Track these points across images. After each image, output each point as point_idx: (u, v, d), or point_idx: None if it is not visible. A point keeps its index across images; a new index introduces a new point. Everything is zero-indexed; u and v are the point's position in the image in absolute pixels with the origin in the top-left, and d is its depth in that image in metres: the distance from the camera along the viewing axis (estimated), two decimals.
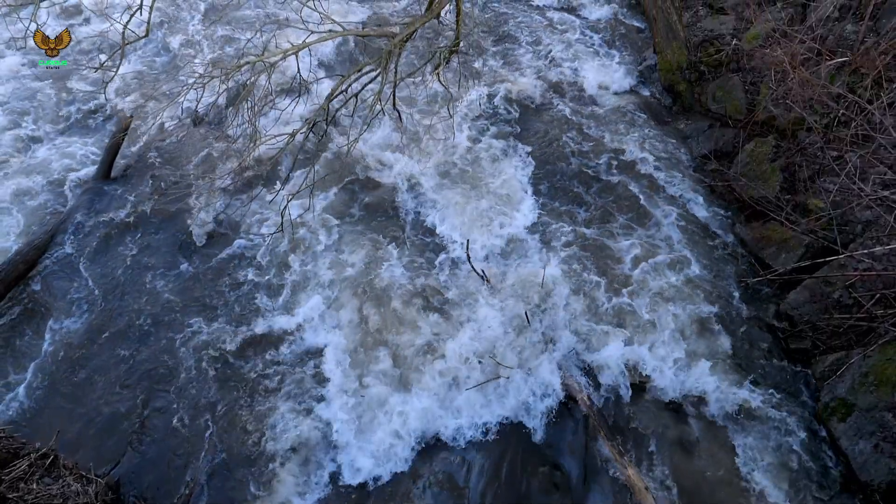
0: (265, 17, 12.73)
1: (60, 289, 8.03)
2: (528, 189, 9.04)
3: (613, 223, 8.52)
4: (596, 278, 7.82)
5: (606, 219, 8.59)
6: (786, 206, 7.79)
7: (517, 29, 12.19)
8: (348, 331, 7.42)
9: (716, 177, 8.83)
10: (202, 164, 9.59)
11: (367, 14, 12.91)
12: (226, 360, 7.20)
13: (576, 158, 9.44)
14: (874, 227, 7.14)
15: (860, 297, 6.64)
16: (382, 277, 7.93)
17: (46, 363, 7.27)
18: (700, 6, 11.23)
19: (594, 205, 8.81)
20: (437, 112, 10.08)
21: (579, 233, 8.39)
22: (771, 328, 7.25)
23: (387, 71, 7.46)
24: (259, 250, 8.40)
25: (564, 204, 8.86)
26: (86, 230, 8.65)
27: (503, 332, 7.32)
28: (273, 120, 9.32)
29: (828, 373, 6.53)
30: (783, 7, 9.99)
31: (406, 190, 9.14)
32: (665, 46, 9.97)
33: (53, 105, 10.82)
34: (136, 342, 7.42)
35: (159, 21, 12.70)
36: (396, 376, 6.98)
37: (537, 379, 6.89)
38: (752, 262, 7.88)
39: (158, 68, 11.75)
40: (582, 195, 8.96)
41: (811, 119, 8.13)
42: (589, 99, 10.62)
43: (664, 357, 7.01)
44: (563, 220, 8.60)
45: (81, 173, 9.55)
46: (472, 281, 7.90)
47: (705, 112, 9.77)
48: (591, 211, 8.73)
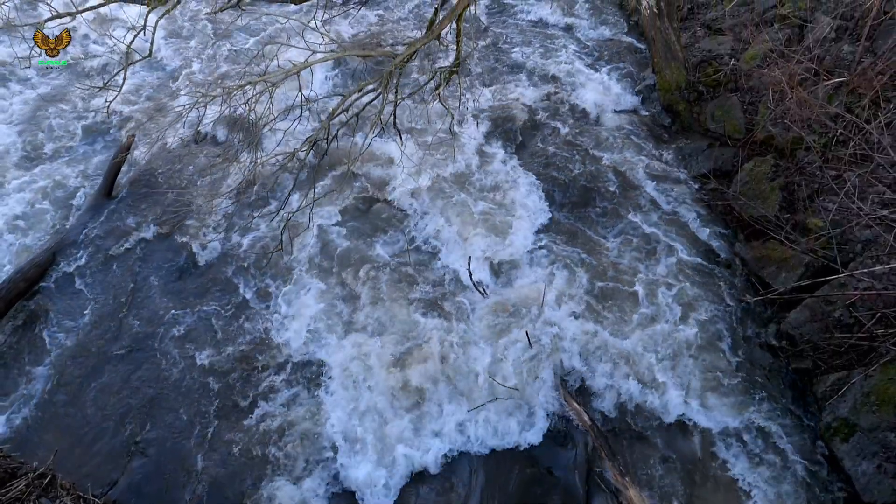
0: (267, 37, 12.86)
1: (60, 307, 8.03)
2: (528, 207, 9.06)
3: (613, 241, 8.53)
4: (595, 296, 7.82)
5: (606, 237, 8.61)
6: (785, 226, 7.80)
7: (517, 49, 12.29)
8: (348, 350, 7.39)
9: (715, 196, 8.86)
10: (203, 182, 9.64)
11: (368, 34, 13.02)
12: (224, 380, 7.17)
13: (576, 177, 9.47)
14: (874, 247, 7.15)
15: (861, 317, 6.63)
16: (382, 295, 7.93)
17: (45, 382, 7.24)
18: (698, 27, 11.35)
19: (594, 223, 8.83)
20: (438, 131, 10.14)
21: (578, 250, 8.40)
22: (772, 348, 7.23)
23: (388, 90, 7.51)
24: (259, 268, 8.41)
25: (564, 222, 8.88)
26: (87, 248, 8.67)
27: (503, 351, 7.30)
28: (274, 139, 9.38)
29: (829, 393, 6.49)
30: (780, 28, 10.08)
31: (406, 208, 9.17)
32: (664, 66, 10.05)
33: (56, 124, 10.89)
34: (134, 361, 7.40)
35: (162, 41, 12.82)
36: (395, 395, 6.95)
37: (537, 399, 6.86)
38: (753, 282, 7.87)
39: (161, 87, 11.84)
40: (581, 213, 8.99)
41: (809, 139, 8.18)
42: (589, 118, 10.68)
43: (665, 376, 6.99)
44: (563, 239, 8.61)
45: (83, 192, 9.59)
46: (473, 299, 7.89)
47: (704, 131, 9.82)
48: (591, 229, 8.74)
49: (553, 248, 8.48)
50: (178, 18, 13.39)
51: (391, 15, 13.55)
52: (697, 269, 8.10)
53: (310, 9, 11.22)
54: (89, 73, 12.14)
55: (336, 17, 11.35)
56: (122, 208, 9.24)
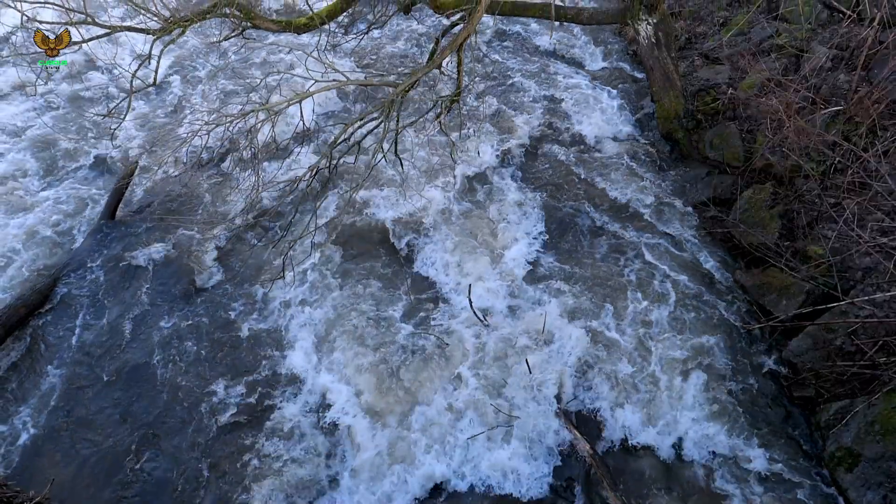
0: (270, 66, 13.02)
1: (60, 334, 8.01)
2: (528, 234, 9.09)
3: (613, 269, 8.53)
4: (596, 324, 7.80)
5: (606, 265, 8.62)
6: (785, 253, 7.81)
7: (517, 78, 12.43)
8: (349, 378, 7.37)
9: (715, 223, 8.88)
10: (206, 209, 9.69)
11: (370, 64, 13.18)
12: (223, 409, 7.13)
13: (576, 204, 9.52)
14: (874, 274, 7.16)
15: (863, 345, 6.60)
16: (383, 323, 7.93)
17: (44, 409, 7.20)
18: (696, 56, 11.49)
19: (594, 251, 8.85)
20: (439, 159, 10.22)
21: (579, 278, 8.40)
22: (774, 375, 7.20)
23: (389, 119, 7.59)
24: (260, 295, 8.41)
25: (564, 249, 8.90)
26: (88, 274, 8.68)
27: (504, 378, 7.27)
28: (277, 167, 9.45)
29: (833, 421, 6.44)
30: (777, 58, 10.21)
31: (407, 236, 9.19)
32: (662, 95, 10.16)
33: (60, 149, 10.97)
34: (134, 388, 7.36)
35: (167, 69, 12.98)
36: (397, 423, 6.91)
37: (539, 427, 6.81)
38: (754, 309, 7.86)
39: (165, 115, 11.95)
40: (581, 241, 9.01)
41: (808, 166, 8.23)
42: (588, 146, 10.76)
43: (666, 405, 6.95)
44: (563, 266, 8.62)
45: (86, 217, 9.63)
46: (473, 326, 7.88)
47: (703, 159, 9.88)
48: (591, 257, 8.76)
49: (554, 276, 8.49)
50: (183, 47, 13.56)
51: (393, 45, 13.73)
52: (698, 296, 8.09)
53: (312, 38, 11.37)
54: (94, 99, 12.28)
55: (338, 47, 11.50)
56: (125, 234, 9.27)
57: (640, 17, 9.37)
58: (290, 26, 8.99)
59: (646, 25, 9.47)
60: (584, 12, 9.93)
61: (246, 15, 8.60)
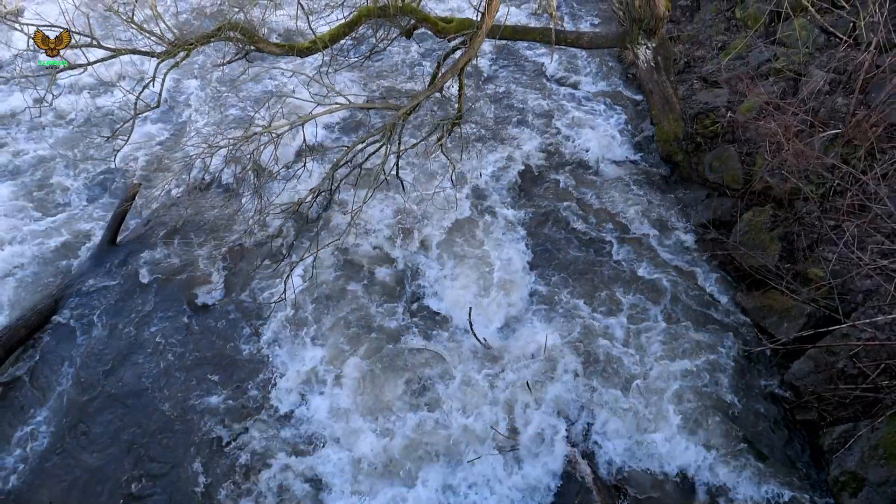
0: (274, 88, 13.14)
1: (60, 355, 8.00)
2: (529, 258, 9.11)
3: (614, 292, 8.53)
4: (597, 347, 7.79)
5: (607, 287, 8.61)
6: (786, 275, 7.82)
7: (518, 101, 12.53)
8: (348, 403, 7.33)
9: (715, 246, 8.90)
10: (208, 232, 9.71)
11: (372, 86, 13.30)
12: (223, 435, 7.09)
13: (576, 227, 9.55)
14: (875, 297, 7.16)
15: (865, 368, 6.58)
16: (383, 347, 7.91)
17: (43, 431, 7.17)
18: (695, 80, 11.59)
19: (594, 273, 8.85)
20: (440, 182, 10.27)
21: (580, 302, 8.40)
22: (776, 399, 7.16)
23: (391, 142, 7.66)
24: (262, 318, 8.40)
25: (565, 273, 8.90)
26: (89, 296, 8.68)
27: (505, 402, 7.24)
28: (279, 188, 9.50)
29: (836, 445, 6.40)
30: (775, 81, 10.30)
31: (408, 258, 9.21)
32: (661, 118, 10.23)
33: (63, 171, 11.04)
34: (133, 412, 7.33)
35: (171, 92, 13.09)
36: (398, 450, 6.87)
37: (541, 452, 6.77)
38: (755, 331, 7.85)
39: (168, 137, 12.04)
40: (582, 264, 9.02)
41: (807, 189, 8.27)
42: (588, 168, 10.82)
43: (668, 430, 6.90)
44: (564, 289, 8.62)
45: (88, 238, 9.66)
46: (474, 350, 7.86)
47: (703, 181, 9.93)
48: (592, 280, 8.76)
49: (554, 298, 8.49)
50: (187, 70, 13.70)
51: (395, 68, 13.87)
52: (699, 319, 8.08)
53: (315, 62, 11.49)
54: (98, 121, 12.37)
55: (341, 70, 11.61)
56: (126, 256, 9.29)
57: (639, 42, 9.48)
58: (293, 49, 9.09)
59: (645, 49, 9.57)
60: (583, 36, 10.04)
61: (250, 38, 8.70)
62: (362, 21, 9.35)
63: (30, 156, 11.38)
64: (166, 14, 8.43)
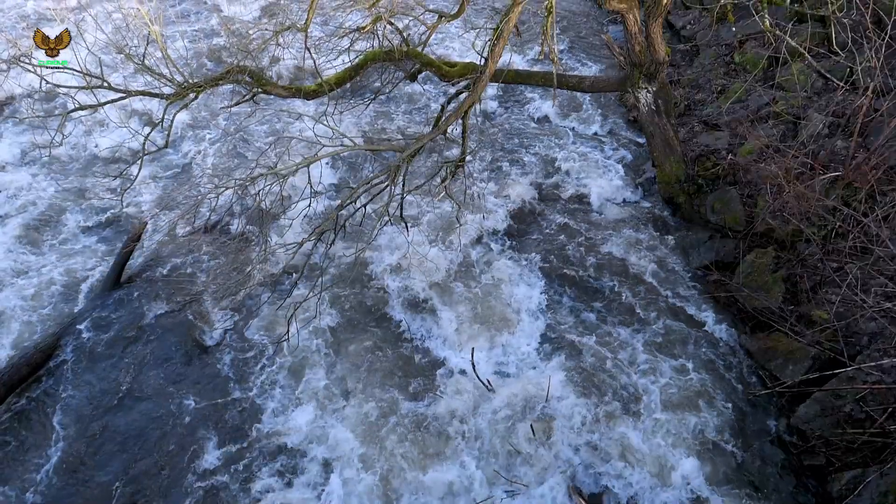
0: (279, 130, 13.32)
1: (63, 393, 7.97)
2: (531, 299, 9.11)
3: (617, 334, 8.51)
4: (601, 390, 7.73)
5: (610, 330, 8.59)
6: (790, 317, 7.79)
7: (521, 143, 12.68)
8: (351, 446, 7.28)
9: (718, 288, 8.88)
10: (212, 272, 9.75)
11: (377, 129, 13.48)
12: (225, 472, 7.03)
13: (578, 269, 9.56)
14: (880, 339, 7.12)
15: (872, 412, 6.51)
16: (384, 389, 7.87)
17: (46, 469, 7.12)
18: (695, 123, 11.74)
19: (597, 316, 8.83)
20: (444, 222, 10.33)
21: (583, 344, 8.37)
22: (782, 443, 7.07)
23: (395, 183, 7.73)
24: (265, 358, 8.38)
25: (568, 315, 8.89)
26: (93, 335, 8.68)
27: (508, 444, 7.16)
28: (284, 229, 9.56)
29: (845, 492, 6.28)
30: (775, 124, 10.43)
31: (411, 298, 9.22)
32: (663, 160, 10.33)
33: (70, 210, 11.15)
34: (136, 449, 7.28)
35: (179, 133, 13.28)
36: (401, 489, 6.77)
37: (545, 493, 6.67)
38: (760, 374, 7.79)
39: (175, 178, 12.17)
40: (585, 306, 9.00)
41: (809, 231, 8.30)
42: (591, 210, 10.88)
43: (675, 474, 6.81)
44: (567, 331, 8.60)
45: (92, 279, 9.70)
46: (477, 391, 7.81)
47: (705, 223, 9.97)
48: (595, 322, 8.74)
49: (557, 341, 8.47)
50: (196, 112, 13.91)
51: (400, 111, 14.07)
52: (703, 361, 8.03)
53: (321, 104, 11.68)
54: (106, 160, 12.53)
55: (347, 112, 11.79)
56: (130, 296, 9.32)
57: (640, 86, 9.63)
58: (299, 92, 9.27)
59: (646, 93, 9.72)
60: (585, 80, 10.22)
61: (257, 81, 8.88)
62: (368, 65, 9.55)
63: (37, 194, 11.51)
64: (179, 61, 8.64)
